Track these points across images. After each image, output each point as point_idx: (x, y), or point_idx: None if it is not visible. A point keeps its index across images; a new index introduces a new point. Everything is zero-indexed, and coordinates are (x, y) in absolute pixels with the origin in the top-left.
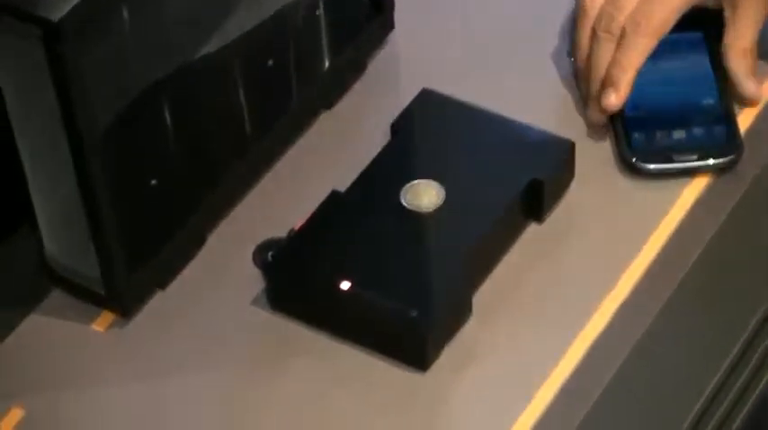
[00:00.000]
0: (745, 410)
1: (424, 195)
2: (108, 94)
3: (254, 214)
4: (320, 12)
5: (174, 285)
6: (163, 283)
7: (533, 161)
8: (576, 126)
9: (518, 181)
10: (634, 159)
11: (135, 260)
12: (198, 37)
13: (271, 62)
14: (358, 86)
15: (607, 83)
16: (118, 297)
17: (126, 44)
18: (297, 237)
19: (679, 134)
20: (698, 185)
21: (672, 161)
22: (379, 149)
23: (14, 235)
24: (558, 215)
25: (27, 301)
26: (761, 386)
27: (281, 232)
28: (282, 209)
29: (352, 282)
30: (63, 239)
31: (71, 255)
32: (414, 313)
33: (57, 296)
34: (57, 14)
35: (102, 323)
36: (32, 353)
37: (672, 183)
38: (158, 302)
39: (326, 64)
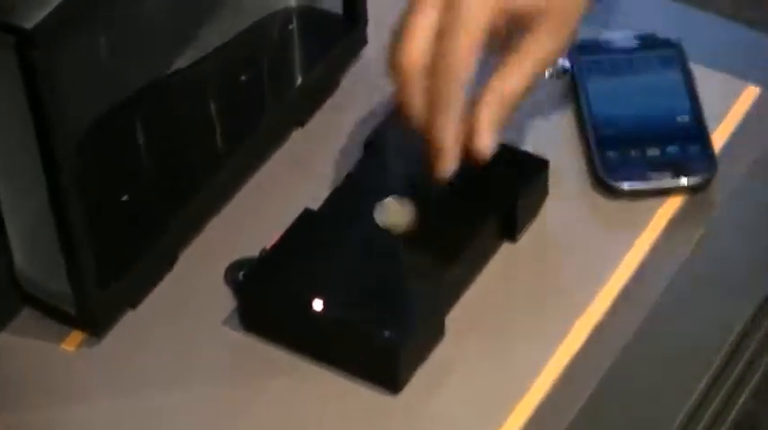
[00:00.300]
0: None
1: (397, 214)
2: (81, 105)
3: (226, 233)
4: (293, 27)
5: (145, 304)
6: (134, 302)
7: (507, 180)
8: (549, 144)
9: (492, 199)
10: (608, 178)
11: (106, 277)
12: (171, 51)
13: (243, 78)
14: (331, 103)
15: (432, 145)
16: (88, 315)
17: (100, 55)
18: (268, 257)
19: (653, 152)
20: (672, 204)
21: (646, 180)
22: (351, 167)
23: None
24: (532, 234)
25: None
26: (735, 408)
27: (253, 251)
28: (254, 227)
29: (324, 301)
30: (33, 256)
31: (41, 272)
32: (387, 333)
33: (27, 315)
34: (31, 22)
35: (71, 342)
36: (1, 373)
37: (646, 202)
38: (129, 321)
39: (299, 80)
